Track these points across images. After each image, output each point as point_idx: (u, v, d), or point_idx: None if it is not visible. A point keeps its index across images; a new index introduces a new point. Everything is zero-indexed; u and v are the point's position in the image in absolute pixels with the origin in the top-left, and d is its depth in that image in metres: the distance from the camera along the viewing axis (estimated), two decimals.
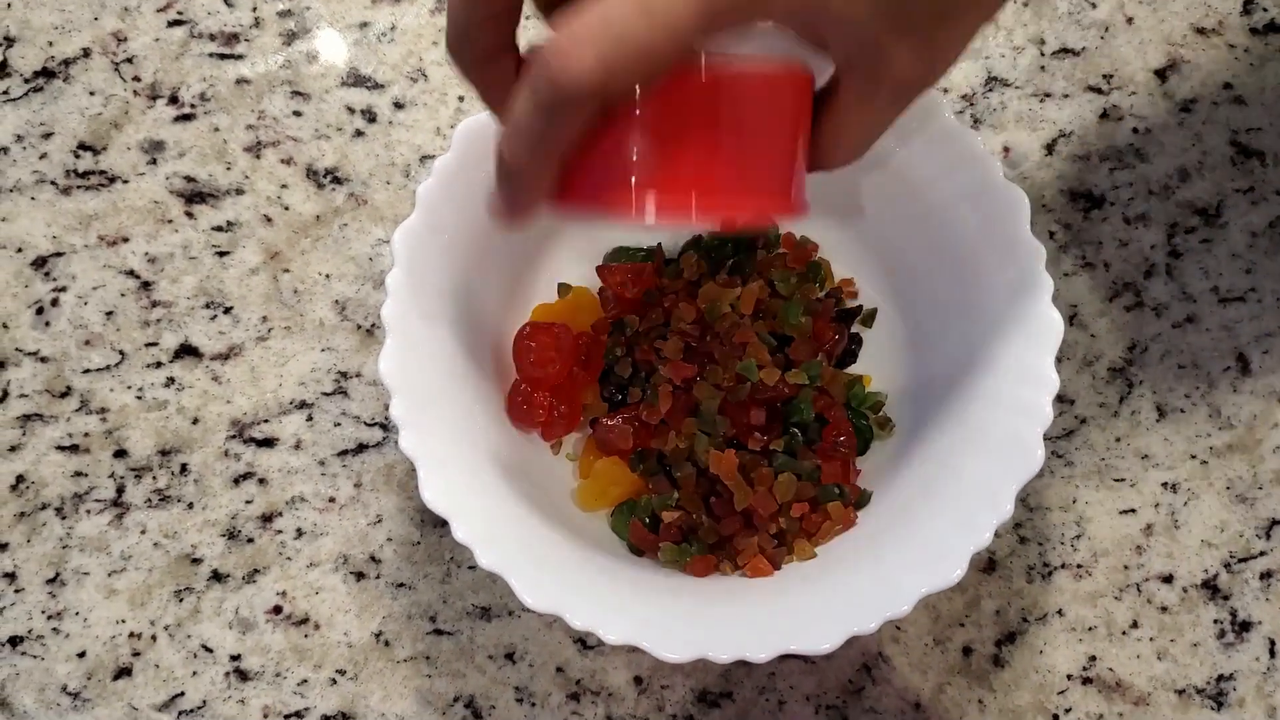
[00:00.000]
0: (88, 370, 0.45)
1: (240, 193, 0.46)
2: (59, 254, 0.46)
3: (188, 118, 0.47)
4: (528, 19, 0.29)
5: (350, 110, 0.47)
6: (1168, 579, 0.43)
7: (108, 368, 0.45)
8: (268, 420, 0.44)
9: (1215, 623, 0.42)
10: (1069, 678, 0.42)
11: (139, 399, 0.44)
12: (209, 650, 0.42)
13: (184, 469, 0.44)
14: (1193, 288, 0.45)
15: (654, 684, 0.42)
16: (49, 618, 0.42)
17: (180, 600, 0.42)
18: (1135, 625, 0.42)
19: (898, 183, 0.40)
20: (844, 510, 0.40)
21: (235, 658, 0.42)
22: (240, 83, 0.47)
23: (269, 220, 0.46)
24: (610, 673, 0.42)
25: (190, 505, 0.43)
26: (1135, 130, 0.47)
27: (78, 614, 0.42)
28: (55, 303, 0.45)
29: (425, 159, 0.47)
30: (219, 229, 0.46)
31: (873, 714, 0.41)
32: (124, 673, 0.42)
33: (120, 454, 0.44)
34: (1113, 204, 0.46)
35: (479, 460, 0.38)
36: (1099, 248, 0.46)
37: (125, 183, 0.46)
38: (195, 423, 0.44)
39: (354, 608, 0.42)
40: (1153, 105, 0.47)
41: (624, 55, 0.25)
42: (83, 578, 0.43)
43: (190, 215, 0.46)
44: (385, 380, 0.36)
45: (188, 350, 0.45)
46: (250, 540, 0.43)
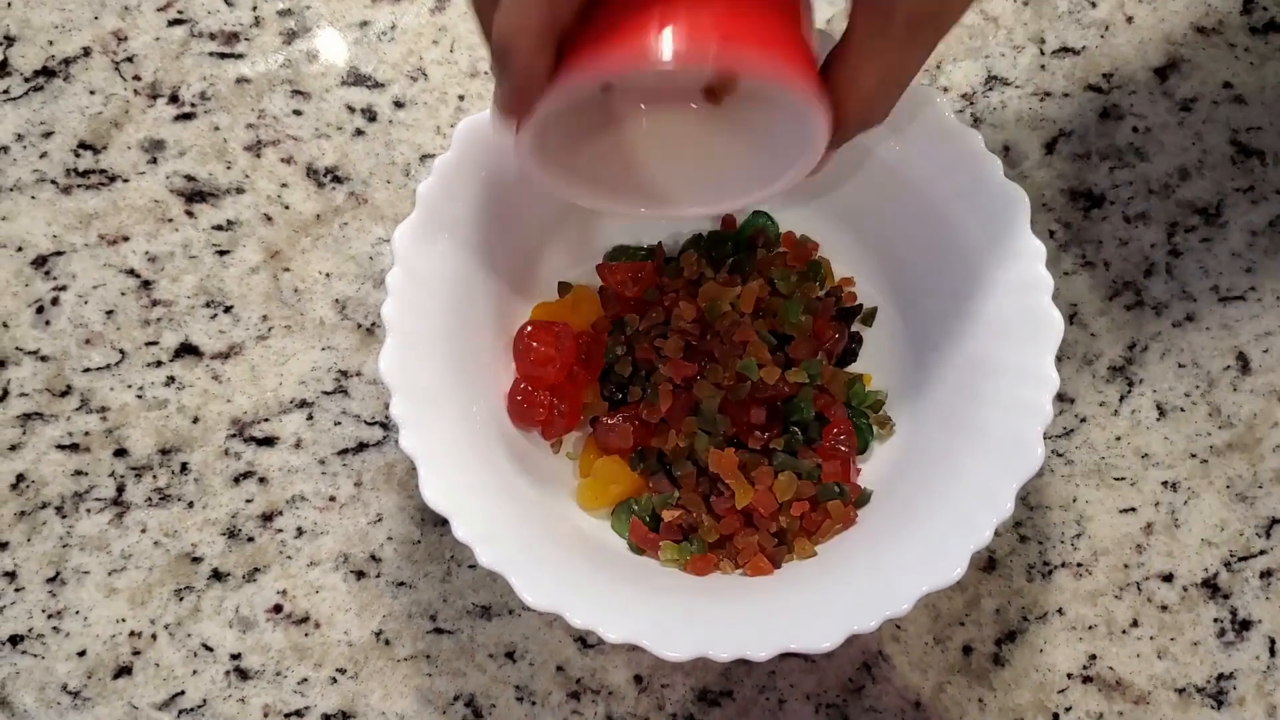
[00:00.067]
0: (88, 369, 0.45)
1: (240, 192, 0.46)
2: (59, 253, 0.46)
3: (188, 117, 0.47)
4: None
5: (350, 109, 0.47)
6: (1168, 578, 0.43)
7: (108, 367, 0.45)
8: (268, 419, 0.44)
9: (1215, 621, 0.42)
10: (1069, 676, 0.42)
11: (139, 398, 0.44)
12: (209, 649, 0.42)
13: (184, 468, 0.44)
14: (1193, 287, 0.45)
15: (654, 683, 0.42)
16: (49, 616, 0.42)
17: (180, 599, 0.42)
18: (1135, 624, 0.42)
19: (898, 182, 0.40)
20: (844, 509, 0.40)
21: (235, 656, 0.42)
22: (240, 82, 0.47)
23: (269, 219, 0.46)
24: (610, 671, 0.42)
25: (190, 504, 0.43)
26: (1135, 129, 0.47)
27: (78, 613, 0.42)
28: (55, 302, 0.45)
29: (425, 158, 0.47)
30: (219, 228, 0.46)
31: (873, 713, 0.41)
32: (124, 671, 0.42)
33: (120, 453, 0.44)
34: (1113, 203, 0.46)
35: (479, 459, 0.38)
36: (1099, 247, 0.46)
37: (125, 182, 0.46)
38: (195, 422, 0.44)
39: (354, 606, 0.42)
40: (1153, 104, 0.47)
41: None
42: (83, 577, 0.43)
43: (190, 214, 0.46)
44: (385, 379, 0.36)
45: (188, 349, 0.45)
46: (250, 539, 0.43)
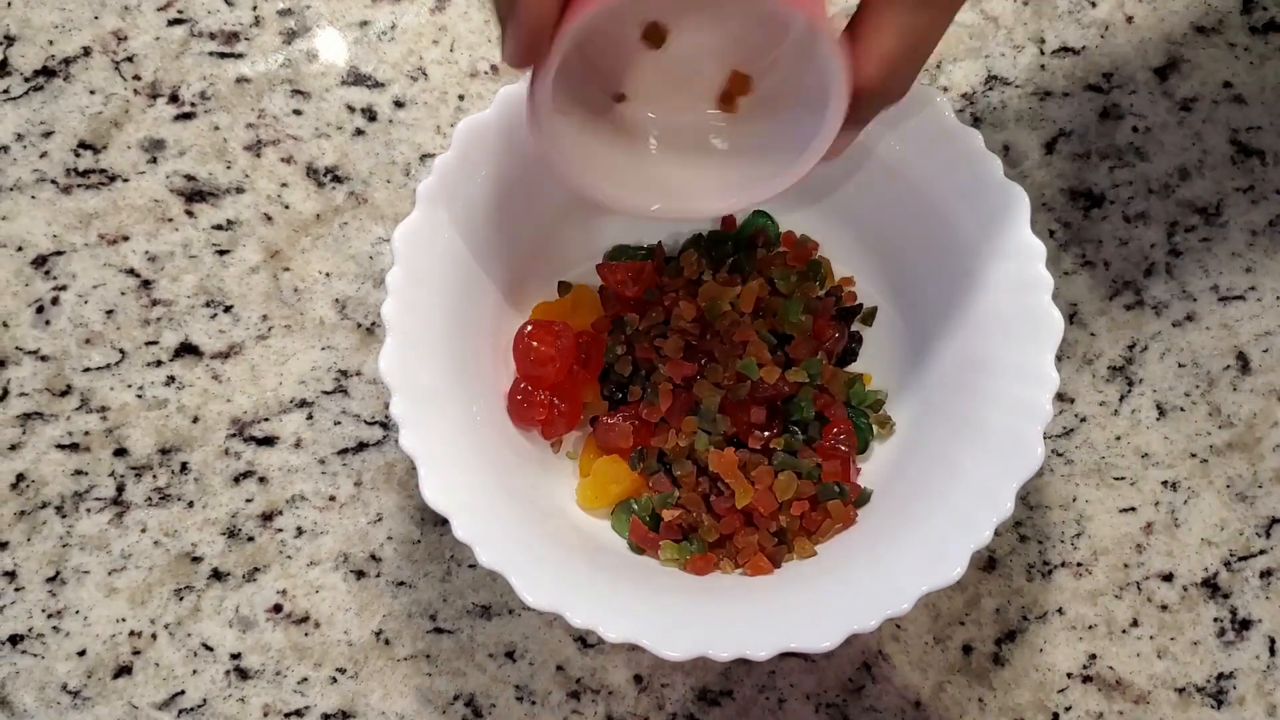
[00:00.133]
0: (88, 369, 0.45)
1: (240, 191, 0.46)
2: (59, 253, 0.46)
3: (188, 116, 0.47)
4: None
5: (350, 109, 0.47)
6: (1168, 577, 0.43)
7: (108, 366, 0.45)
8: (268, 419, 0.44)
9: (1215, 621, 0.42)
10: (1069, 676, 0.42)
11: (139, 398, 0.44)
12: (209, 649, 0.42)
13: (184, 467, 0.44)
14: (1192, 286, 0.45)
15: (654, 682, 0.42)
16: (49, 616, 0.42)
17: (180, 599, 0.42)
18: (1135, 624, 0.42)
19: (898, 182, 0.40)
20: (844, 508, 0.40)
21: (235, 656, 0.42)
22: (240, 81, 0.47)
23: (269, 219, 0.46)
24: (610, 671, 0.42)
25: (190, 504, 0.43)
26: (1135, 129, 0.47)
27: (78, 612, 0.42)
28: (55, 301, 0.45)
29: (425, 158, 0.47)
30: (219, 227, 0.46)
31: (873, 712, 0.41)
32: (124, 671, 0.42)
33: (120, 452, 0.44)
34: (1113, 202, 0.46)
35: (479, 459, 0.38)
36: (1099, 246, 0.46)
37: (125, 181, 0.46)
38: (195, 421, 0.44)
39: (354, 606, 0.42)
40: (1153, 104, 0.47)
41: None
42: (83, 576, 0.43)
43: (190, 214, 0.46)
44: (385, 379, 0.36)
45: (188, 349, 0.45)
46: (250, 539, 0.43)
